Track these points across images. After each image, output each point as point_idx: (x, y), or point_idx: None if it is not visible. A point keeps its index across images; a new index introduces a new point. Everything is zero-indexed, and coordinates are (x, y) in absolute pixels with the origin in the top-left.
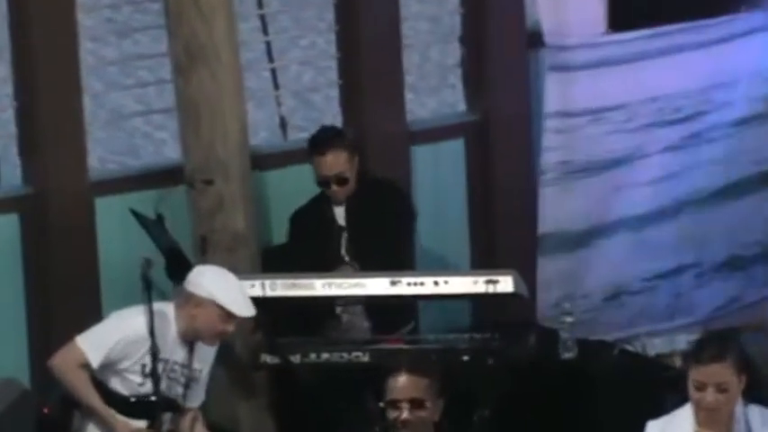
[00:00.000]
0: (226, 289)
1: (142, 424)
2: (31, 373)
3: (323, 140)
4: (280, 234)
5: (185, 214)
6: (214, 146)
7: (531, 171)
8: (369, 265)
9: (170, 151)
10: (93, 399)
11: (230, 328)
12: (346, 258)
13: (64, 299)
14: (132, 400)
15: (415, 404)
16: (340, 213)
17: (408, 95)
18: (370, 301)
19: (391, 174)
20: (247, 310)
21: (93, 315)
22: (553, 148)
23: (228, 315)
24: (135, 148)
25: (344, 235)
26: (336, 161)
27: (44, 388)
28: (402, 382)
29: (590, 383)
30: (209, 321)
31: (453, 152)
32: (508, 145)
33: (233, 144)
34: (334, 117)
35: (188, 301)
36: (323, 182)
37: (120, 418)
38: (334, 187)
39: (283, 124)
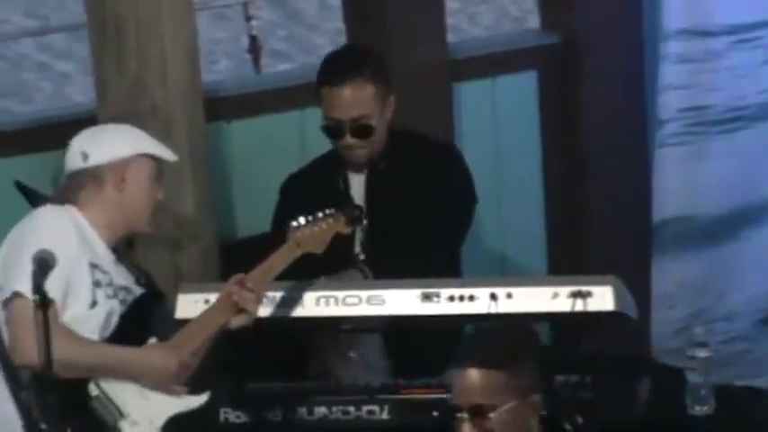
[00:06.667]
0: (141, 135)
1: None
2: None
3: (340, 64)
4: (251, 221)
5: None
6: (145, 83)
7: (642, 123)
8: (394, 271)
9: (75, 92)
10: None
11: (161, 194)
12: (361, 257)
13: None
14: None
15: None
16: (358, 185)
17: (452, 3)
18: (390, 325)
19: (422, 126)
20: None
21: None
22: (677, 87)
23: (159, 169)
24: (24, 87)
25: (362, 221)
26: (358, 98)
27: None
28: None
29: None
30: (142, 191)
31: (520, 92)
32: (605, 81)
33: (175, 80)
34: (332, 37)
35: (102, 182)
36: (333, 129)
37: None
38: (350, 140)
39: (255, 48)
